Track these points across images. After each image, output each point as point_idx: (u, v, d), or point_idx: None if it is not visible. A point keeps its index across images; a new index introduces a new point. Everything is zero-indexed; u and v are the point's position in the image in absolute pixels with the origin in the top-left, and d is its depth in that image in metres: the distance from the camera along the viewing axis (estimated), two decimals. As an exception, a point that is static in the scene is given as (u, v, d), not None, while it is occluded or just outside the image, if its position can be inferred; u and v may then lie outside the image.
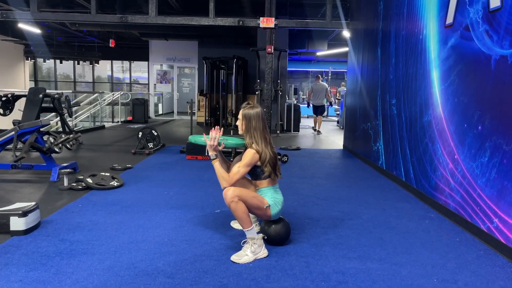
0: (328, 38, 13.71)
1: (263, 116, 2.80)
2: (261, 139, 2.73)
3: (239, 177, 2.69)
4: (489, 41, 3.03)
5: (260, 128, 2.75)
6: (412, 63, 4.55)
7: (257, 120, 2.75)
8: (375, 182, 5.05)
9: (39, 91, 6.69)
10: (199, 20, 7.94)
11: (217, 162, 2.74)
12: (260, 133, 2.74)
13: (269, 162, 2.71)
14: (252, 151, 2.69)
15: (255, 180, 2.83)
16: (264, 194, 2.78)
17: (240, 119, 2.80)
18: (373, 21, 6.25)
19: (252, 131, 2.74)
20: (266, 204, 2.72)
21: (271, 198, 2.76)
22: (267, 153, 2.71)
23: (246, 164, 2.68)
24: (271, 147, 2.77)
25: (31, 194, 4.10)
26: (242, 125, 2.79)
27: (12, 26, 12.54)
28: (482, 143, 3.08)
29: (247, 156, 2.70)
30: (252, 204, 2.67)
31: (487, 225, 3.00)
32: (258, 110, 2.79)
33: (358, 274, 2.45)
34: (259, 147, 2.71)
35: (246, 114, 2.77)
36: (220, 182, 2.71)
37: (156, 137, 7.07)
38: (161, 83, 16.20)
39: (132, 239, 2.92)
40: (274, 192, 2.81)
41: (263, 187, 2.80)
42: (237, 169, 2.68)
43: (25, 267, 2.40)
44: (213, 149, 2.75)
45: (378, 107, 5.81)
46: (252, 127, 2.74)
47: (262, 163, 2.71)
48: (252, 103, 2.85)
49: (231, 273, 2.42)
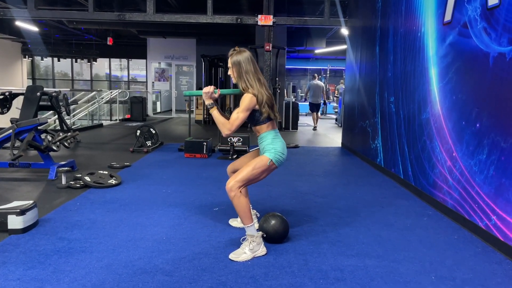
0: (326, 36, 13.71)
1: (253, 59, 2.74)
2: (255, 81, 2.68)
3: (240, 122, 2.64)
4: (487, 38, 3.03)
5: (252, 71, 2.69)
6: (410, 60, 4.55)
7: (247, 63, 2.69)
8: (373, 180, 5.05)
9: (36, 89, 6.69)
10: (197, 17, 7.92)
11: (216, 109, 2.70)
12: (252, 75, 2.69)
13: (267, 102, 2.66)
14: (249, 95, 2.64)
15: (254, 125, 2.77)
16: (265, 138, 2.72)
17: (230, 67, 2.73)
18: (371, 18, 6.24)
19: (245, 75, 2.68)
20: (268, 161, 2.66)
21: (271, 150, 2.68)
22: (263, 94, 2.65)
23: (245, 109, 2.63)
24: (266, 88, 2.71)
25: (29, 192, 4.09)
26: (233, 72, 2.73)
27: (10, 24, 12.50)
28: (480, 140, 3.09)
29: (244, 100, 2.64)
30: (256, 174, 2.64)
31: (485, 222, 3.01)
32: (247, 53, 2.73)
33: (356, 271, 2.45)
34: (254, 90, 2.65)
35: (235, 60, 2.71)
36: (221, 130, 2.67)
37: (154, 135, 7.06)
38: (159, 81, 16.17)
39: (130, 237, 2.92)
40: (274, 136, 2.74)
41: (263, 132, 2.75)
42: (237, 115, 2.64)
43: (23, 266, 2.40)
44: (209, 97, 2.70)
45: (376, 105, 5.81)
46: (243, 71, 2.68)
47: (259, 105, 2.65)
48: (239, 48, 2.77)
49: (229, 271, 2.42)
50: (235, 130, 2.65)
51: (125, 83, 19.92)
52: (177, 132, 10.15)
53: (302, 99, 12.11)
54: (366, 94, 6.43)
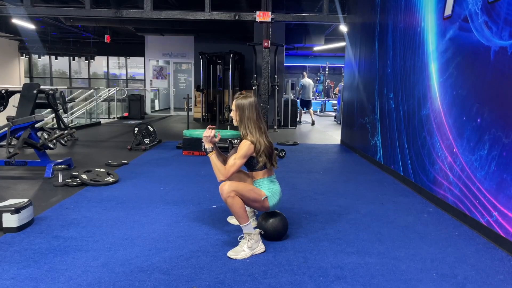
0: (325, 32, 13.65)
1: (257, 106, 2.74)
2: (255, 129, 2.68)
3: (236, 169, 2.64)
4: (488, 32, 2.99)
5: (254, 118, 2.69)
6: (410, 56, 4.50)
7: (250, 109, 2.69)
8: (373, 177, 5.02)
9: (33, 87, 6.62)
10: (195, 14, 7.87)
11: (214, 154, 2.70)
12: (254, 123, 2.69)
13: (264, 152, 2.66)
14: (247, 142, 2.64)
15: (251, 171, 2.79)
16: (261, 185, 2.74)
17: (234, 110, 2.74)
18: (370, 14, 6.20)
19: (246, 121, 2.69)
20: (264, 196, 2.68)
21: (268, 189, 2.72)
22: (261, 143, 2.66)
23: (242, 156, 2.63)
24: (266, 137, 2.72)
25: (25, 190, 4.05)
26: (236, 115, 2.74)
27: (6, 21, 12.42)
28: (481, 136, 3.05)
29: (242, 147, 2.65)
30: (249, 197, 2.63)
31: (486, 219, 2.97)
32: (252, 99, 2.73)
33: (356, 269, 2.41)
34: (253, 138, 2.65)
35: (239, 104, 2.71)
36: (217, 175, 2.67)
37: (152, 133, 7.01)
38: (157, 78, 16.10)
39: (127, 235, 2.87)
40: (270, 182, 2.77)
41: (259, 178, 2.76)
42: (233, 161, 2.63)
43: (18, 265, 2.36)
44: (209, 141, 2.70)
45: (375, 101, 5.77)
46: (245, 117, 2.69)
47: (257, 153, 2.65)
48: (246, 93, 2.79)
49: (228, 269, 2.38)
50: (230, 176, 2.64)
51: (123, 81, 19.85)
52: (176, 130, 10.10)
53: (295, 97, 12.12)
54: (365, 91, 6.38)
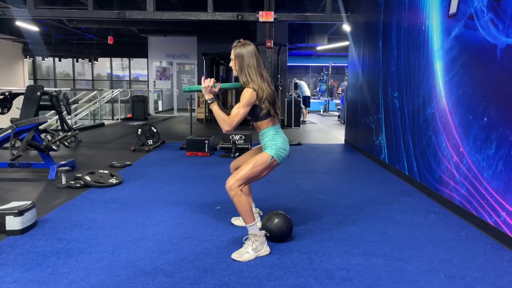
0: (328, 32, 13.62)
1: (257, 53, 2.66)
2: (257, 76, 2.60)
3: (240, 118, 2.57)
4: (495, 30, 2.94)
5: (254, 65, 2.61)
6: (414, 54, 4.46)
7: (250, 57, 2.61)
8: (377, 177, 4.98)
9: (36, 89, 6.64)
10: (197, 15, 7.85)
11: (216, 104, 2.62)
12: (254, 69, 2.61)
13: (267, 98, 2.58)
14: (250, 90, 2.56)
15: (255, 121, 2.69)
16: (266, 134, 2.66)
17: (233, 59, 2.66)
18: (373, 13, 6.16)
19: (246, 69, 2.61)
20: (269, 158, 2.59)
21: (272, 146, 2.61)
22: (264, 89, 2.57)
23: (245, 104, 2.56)
24: (268, 84, 2.63)
25: (29, 192, 4.04)
26: (235, 65, 2.66)
27: (10, 24, 12.45)
28: (488, 134, 3.01)
29: (245, 95, 2.57)
30: (257, 172, 2.57)
31: (494, 219, 2.93)
32: (251, 47, 2.65)
33: (362, 271, 2.38)
34: (255, 85, 2.57)
35: (238, 52, 2.63)
36: (221, 125, 2.59)
37: (155, 134, 7.00)
38: (160, 79, 16.11)
39: (131, 237, 2.85)
40: (275, 132, 2.67)
41: (264, 128, 2.67)
42: (237, 110, 2.56)
43: (21, 268, 2.34)
44: (209, 91, 2.61)
45: (380, 101, 5.73)
46: (245, 65, 2.61)
47: (259, 100, 2.57)
48: (244, 41, 2.69)
49: (232, 271, 2.36)
50: (235, 126, 2.57)
51: (126, 83, 19.88)
52: (179, 131, 10.09)
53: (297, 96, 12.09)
54: (369, 90, 6.34)
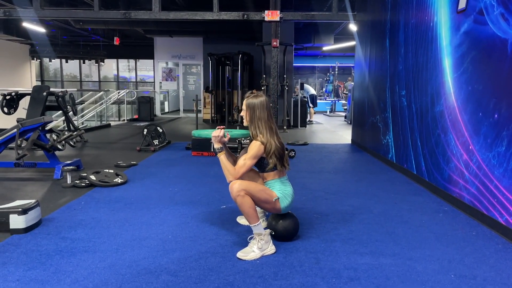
0: (334, 32, 13.54)
1: (268, 105, 2.68)
2: (266, 129, 2.62)
3: (246, 170, 2.58)
4: (505, 24, 2.88)
5: (265, 118, 2.63)
6: (422, 52, 4.40)
7: (261, 109, 2.63)
8: (385, 176, 4.91)
9: (43, 89, 6.64)
10: (203, 14, 7.83)
11: (223, 155, 2.64)
12: (265, 122, 2.62)
13: (275, 153, 2.59)
14: (258, 143, 2.58)
15: (262, 172, 2.72)
16: (272, 186, 2.67)
17: (244, 109, 2.68)
18: (380, 11, 6.09)
19: (257, 121, 2.63)
20: (275, 197, 2.60)
21: (279, 191, 2.65)
22: (272, 144, 2.59)
23: (251, 157, 2.57)
24: (277, 137, 2.65)
25: (34, 192, 4.03)
26: (246, 115, 2.68)
27: (17, 25, 12.52)
28: (498, 132, 2.94)
29: (252, 148, 2.59)
30: (260, 198, 2.56)
31: (505, 218, 2.86)
32: (263, 99, 2.66)
33: (370, 270, 2.33)
34: (264, 138, 2.59)
35: (250, 103, 2.65)
36: (226, 176, 2.61)
37: (161, 134, 6.98)
38: (166, 80, 16.13)
39: (135, 236, 2.82)
40: (281, 184, 2.69)
41: (270, 180, 2.69)
42: (243, 162, 2.57)
43: (24, 266, 2.32)
44: (218, 141, 2.65)
45: (387, 99, 5.66)
46: (256, 117, 2.63)
47: (267, 154, 2.59)
48: (256, 92, 2.72)
49: (237, 270, 2.32)
50: (240, 177, 2.57)
51: (133, 84, 19.93)
52: (185, 131, 10.07)
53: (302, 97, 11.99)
54: (376, 89, 6.28)
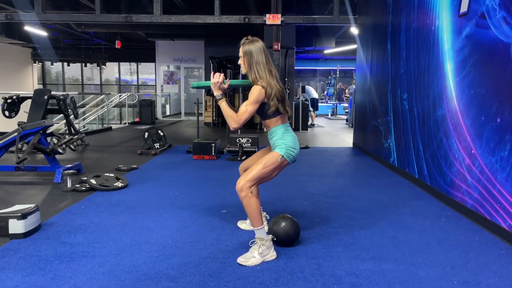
0: (335, 35, 13.55)
1: (265, 49, 2.62)
2: (265, 72, 2.55)
3: (248, 115, 2.52)
4: (507, 28, 2.86)
5: (263, 62, 2.57)
6: (424, 55, 4.38)
7: (258, 53, 2.57)
8: (387, 180, 4.89)
9: (44, 93, 6.65)
10: (204, 18, 7.83)
11: (224, 101, 2.57)
12: (263, 66, 2.56)
13: (276, 95, 2.53)
14: (258, 87, 2.52)
15: (264, 119, 2.65)
16: (275, 133, 2.61)
17: (241, 56, 2.62)
18: (382, 14, 6.08)
19: (255, 66, 2.56)
20: (279, 157, 2.54)
21: (282, 145, 2.56)
22: (273, 86, 2.52)
23: (254, 101, 2.51)
24: (277, 80, 2.59)
25: (34, 196, 4.01)
26: (244, 62, 2.61)
27: (19, 29, 12.57)
28: (501, 136, 2.92)
29: (253, 92, 2.52)
30: (268, 172, 2.52)
31: (508, 223, 2.83)
32: (259, 43, 2.61)
33: (372, 276, 2.30)
34: (264, 82, 2.53)
35: (247, 49, 2.59)
36: (229, 122, 2.54)
37: (162, 137, 6.97)
38: (168, 84, 16.14)
39: (135, 241, 2.80)
40: (285, 130, 2.61)
41: (273, 126, 2.62)
42: (245, 108, 2.51)
43: (22, 272, 2.30)
44: (218, 88, 2.56)
45: (388, 103, 5.64)
46: (254, 62, 2.56)
47: (268, 98, 2.52)
48: (252, 38, 2.65)
49: (237, 276, 2.29)
50: (243, 123, 2.53)
51: (135, 87, 19.95)
52: (186, 134, 10.06)
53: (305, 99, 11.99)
54: (378, 92, 6.26)
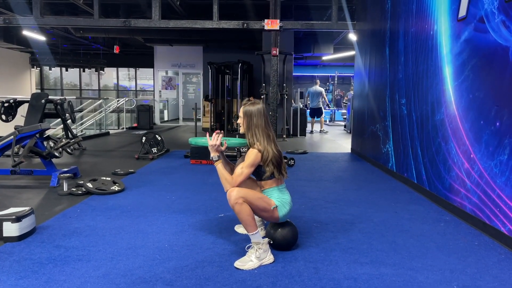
0: (334, 41, 13.59)
1: (265, 113, 2.64)
2: (264, 137, 2.57)
3: (243, 178, 2.54)
4: (506, 32, 2.86)
5: (262, 126, 2.59)
6: (422, 60, 4.38)
7: (258, 117, 2.59)
8: (385, 185, 4.86)
9: (41, 97, 6.62)
10: (202, 23, 7.85)
11: (220, 163, 2.60)
12: (262, 130, 2.58)
13: (272, 161, 2.55)
14: (255, 151, 2.54)
15: (259, 180, 2.67)
16: (270, 195, 2.62)
17: (241, 117, 2.64)
18: (380, 20, 6.10)
19: (254, 129, 2.59)
20: (273, 205, 2.56)
21: (277, 199, 2.60)
22: (269, 152, 2.54)
23: (249, 165, 2.53)
24: (274, 145, 2.61)
25: (30, 199, 3.98)
26: (243, 123, 2.64)
27: (17, 34, 12.55)
28: (500, 140, 2.90)
29: (249, 156, 2.54)
30: (258, 206, 2.51)
31: (507, 227, 2.81)
32: (260, 106, 2.63)
33: (371, 280, 2.27)
34: (261, 146, 2.55)
35: (247, 111, 2.61)
36: (223, 185, 2.56)
37: (160, 142, 6.94)
38: (166, 89, 16.13)
39: (131, 244, 2.77)
40: (279, 192, 2.64)
41: (268, 188, 2.64)
42: (241, 171, 2.53)
43: (16, 275, 2.26)
44: (215, 150, 2.61)
45: (387, 108, 5.63)
46: (253, 124, 2.59)
47: (264, 162, 2.55)
48: (254, 100, 2.69)
49: (234, 280, 2.26)
50: (238, 185, 2.52)
51: (133, 93, 19.94)
52: (184, 140, 10.03)
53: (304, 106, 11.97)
54: (376, 98, 6.26)
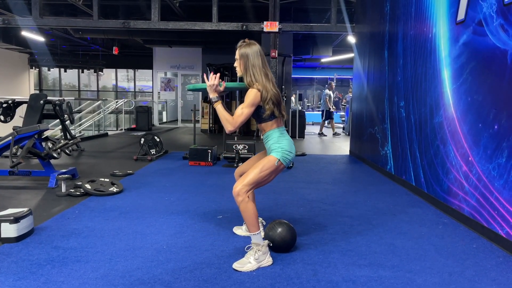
0: (333, 44, 13.62)
1: (262, 53, 2.61)
2: (261, 76, 2.54)
3: (244, 118, 2.50)
4: (505, 35, 2.87)
5: (260, 65, 2.56)
6: (421, 63, 4.39)
7: (255, 56, 2.56)
8: (384, 187, 4.87)
9: (40, 98, 6.63)
10: (202, 25, 7.85)
11: (220, 104, 2.55)
12: (259, 69, 2.55)
13: (271, 99, 2.51)
14: (254, 90, 2.50)
15: (259, 123, 2.63)
16: (270, 137, 2.59)
17: (237, 59, 2.61)
18: (379, 22, 6.11)
19: (251, 69, 2.55)
20: (275, 161, 2.52)
21: (278, 149, 2.54)
22: (268, 90, 2.51)
23: (249, 104, 2.50)
24: (273, 84, 2.57)
25: (28, 200, 3.97)
26: (240, 64, 2.60)
27: (16, 34, 12.54)
28: (499, 143, 2.91)
29: (249, 95, 2.50)
30: (265, 176, 2.50)
31: (505, 230, 2.82)
32: (256, 46, 2.60)
33: (369, 283, 2.27)
34: (260, 85, 2.51)
35: (243, 52, 2.58)
36: (225, 125, 2.53)
37: (158, 143, 6.94)
38: (165, 90, 16.12)
39: (129, 246, 2.76)
40: (280, 134, 2.60)
41: (268, 130, 2.61)
42: (241, 111, 2.50)
43: (13, 276, 2.25)
44: (213, 90, 2.55)
45: (385, 110, 5.64)
46: (250, 65, 2.55)
47: (263, 101, 2.50)
48: (248, 41, 2.64)
49: (233, 282, 2.26)
50: (239, 126, 2.52)
51: (132, 94, 19.93)
52: (183, 141, 10.03)
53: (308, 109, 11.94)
54: (375, 100, 6.27)
